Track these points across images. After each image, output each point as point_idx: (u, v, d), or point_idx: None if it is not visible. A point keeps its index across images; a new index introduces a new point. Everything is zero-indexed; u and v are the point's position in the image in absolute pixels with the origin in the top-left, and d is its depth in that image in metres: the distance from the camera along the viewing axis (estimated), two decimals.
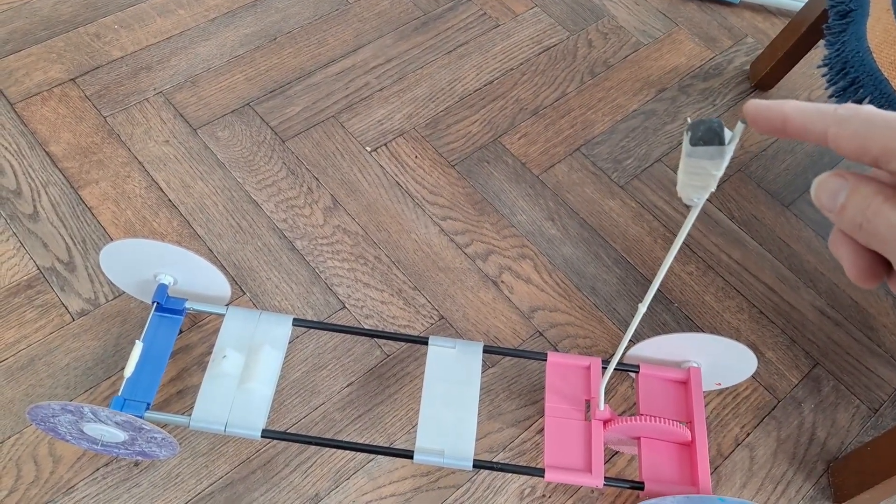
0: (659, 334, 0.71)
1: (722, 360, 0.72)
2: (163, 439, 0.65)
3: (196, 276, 0.73)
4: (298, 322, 0.72)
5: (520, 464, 0.76)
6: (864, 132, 0.25)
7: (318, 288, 0.85)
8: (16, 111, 0.96)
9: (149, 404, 0.66)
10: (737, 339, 0.84)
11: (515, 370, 0.81)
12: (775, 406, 0.82)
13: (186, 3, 1.10)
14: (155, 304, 0.72)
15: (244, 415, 0.66)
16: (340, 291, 0.85)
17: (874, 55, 0.71)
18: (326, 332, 0.82)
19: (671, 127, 1.04)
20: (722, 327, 0.87)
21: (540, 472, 0.65)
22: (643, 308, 0.51)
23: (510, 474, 0.75)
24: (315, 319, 0.83)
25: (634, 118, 1.04)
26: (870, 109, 0.25)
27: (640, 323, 0.86)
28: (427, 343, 0.71)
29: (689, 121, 0.33)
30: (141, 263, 0.72)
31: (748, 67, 1.12)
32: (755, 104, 0.28)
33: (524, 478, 0.75)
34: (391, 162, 0.96)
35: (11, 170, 0.91)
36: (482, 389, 0.80)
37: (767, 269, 0.92)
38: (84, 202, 0.89)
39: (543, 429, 0.75)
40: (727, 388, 0.82)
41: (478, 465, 0.65)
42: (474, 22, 1.13)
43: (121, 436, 0.64)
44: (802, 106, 0.27)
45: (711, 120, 0.32)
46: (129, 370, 0.67)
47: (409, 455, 0.65)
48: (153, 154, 0.94)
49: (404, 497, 0.73)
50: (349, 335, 0.82)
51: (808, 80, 1.12)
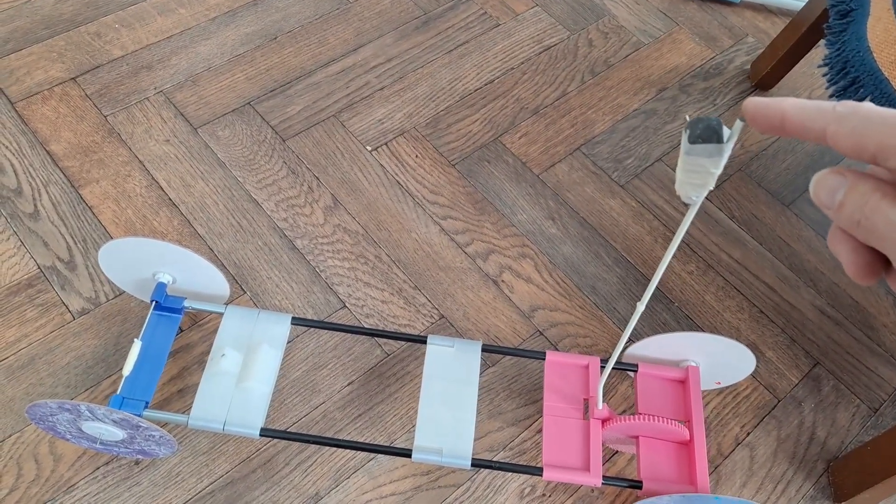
0: (659, 334, 0.71)
1: (721, 359, 0.72)
2: (161, 437, 0.65)
3: (195, 275, 0.73)
4: (297, 321, 0.72)
5: (520, 463, 0.76)
6: (862, 129, 0.25)
7: (319, 287, 0.85)
8: (16, 110, 0.96)
9: (147, 403, 0.66)
10: (736, 339, 0.84)
11: (516, 369, 0.81)
12: (775, 405, 0.82)
13: (187, 2, 1.10)
14: (154, 303, 0.72)
15: (243, 413, 0.66)
16: (341, 291, 0.85)
17: (875, 55, 0.70)
18: (327, 332, 0.82)
19: (672, 126, 1.04)
20: (722, 327, 0.87)
21: (538, 471, 0.65)
22: (641, 307, 0.51)
23: (510, 473, 0.75)
24: (315, 318, 0.83)
25: (635, 117, 1.04)
26: (868, 107, 0.25)
27: (641, 322, 0.86)
28: (426, 342, 0.71)
29: (688, 119, 0.33)
30: (140, 262, 0.72)
31: (749, 67, 1.12)
32: (754, 102, 0.28)
33: (524, 477, 0.75)
34: (391, 161, 0.96)
35: (12, 169, 0.91)
36: (482, 389, 0.80)
37: (768, 269, 0.92)
38: (85, 201, 0.89)
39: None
40: (727, 388, 0.82)
41: (476, 464, 0.65)
42: (475, 21, 1.13)
43: (119, 434, 0.64)
44: (801, 103, 0.27)
45: (710, 118, 0.32)
46: (128, 369, 0.67)
47: (408, 454, 0.65)
48: (154, 153, 0.94)
49: (405, 496, 0.73)
50: (349, 334, 0.82)
51: (809, 80, 1.12)
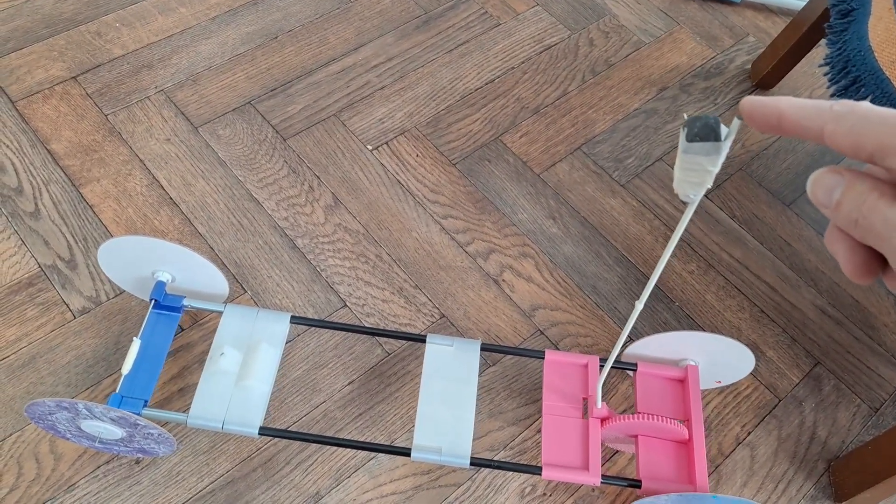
0: (658, 333, 0.71)
1: (720, 359, 0.72)
2: (159, 435, 0.65)
3: (194, 274, 0.73)
4: (296, 320, 0.72)
5: (521, 462, 0.76)
6: (860, 129, 0.25)
7: (319, 286, 0.85)
8: (17, 109, 0.96)
9: (146, 401, 0.66)
10: (736, 338, 0.84)
11: (516, 369, 0.81)
12: (776, 405, 0.82)
13: (188, 2, 1.10)
14: (153, 302, 0.72)
15: (242, 412, 0.66)
16: (341, 290, 0.85)
17: (876, 54, 0.70)
18: (328, 331, 0.82)
19: (672, 126, 1.04)
20: (723, 326, 0.87)
21: (537, 470, 0.65)
22: (640, 305, 0.51)
23: (511, 473, 0.75)
24: (315, 317, 0.83)
25: (635, 117, 1.04)
26: (865, 106, 0.25)
27: (642, 322, 0.86)
28: (425, 341, 0.71)
29: (686, 117, 0.33)
30: (139, 260, 0.72)
31: (749, 66, 1.11)
32: (751, 101, 0.28)
33: (525, 476, 0.75)
34: (392, 160, 0.96)
35: (13, 167, 0.91)
36: (483, 388, 0.80)
37: (768, 268, 0.91)
38: (85, 200, 0.89)
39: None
40: (728, 387, 0.82)
41: (475, 464, 0.65)
42: (475, 21, 1.13)
43: (118, 433, 0.64)
44: (798, 102, 0.27)
45: (708, 116, 0.32)
46: (127, 367, 0.67)
47: (407, 453, 0.65)
48: (154, 152, 0.94)
49: (405, 495, 0.73)
50: (350, 334, 0.82)
51: (810, 79, 1.12)
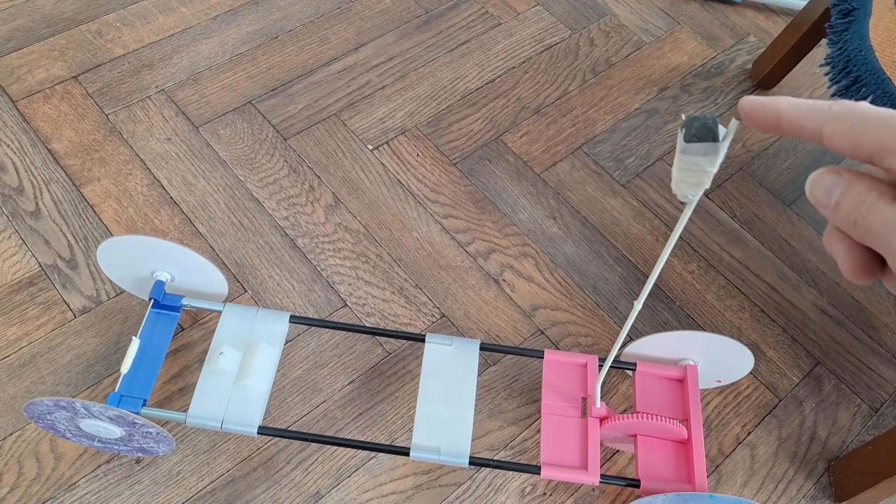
0: (658, 332, 0.71)
1: (719, 358, 0.72)
2: (158, 434, 0.65)
3: (194, 273, 0.73)
4: (295, 319, 0.72)
5: (520, 462, 0.76)
6: (859, 129, 0.25)
7: (320, 286, 0.85)
8: (18, 109, 0.96)
9: (145, 400, 0.66)
10: (737, 338, 0.84)
11: (516, 368, 0.81)
12: (776, 405, 0.82)
13: (188, 1, 1.10)
14: (152, 301, 0.72)
15: (241, 411, 0.66)
16: (342, 289, 0.85)
17: (877, 54, 0.70)
18: (328, 330, 0.82)
19: (673, 126, 1.04)
20: (723, 326, 0.87)
21: (536, 470, 0.65)
22: (638, 305, 0.51)
23: (511, 472, 0.75)
24: (316, 317, 0.83)
25: (636, 117, 1.04)
26: (864, 106, 0.25)
27: (642, 321, 0.86)
28: (424, 341, 0.71)
29: (684, 117, 0.33)
30: (138, 260, 0.72)
31: (750, 66, 1.11)
32: (749, 100, 0.28)
33: (525, 476, 0.75)
34: (393, 160, 0.96)
35: (13, 167, 0.91)
36: (483, 388, 0.80)
37: (769, 268, 0.91)
38: (86, 199, 0.89)
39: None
40: (728, 387, 0.82)
41: (474, 463, 0.65)
42: (476, 20, 1.13)
43: (117, 432, 0.64)
44: (796, 102, 0.27)
45: (706, 116, 0.32)
46: (126, 367, 0.67)
47: (406, 452, 0.65)
48: (155, 152, 0.94)
49: (405, 495, 0.73)
50: (350, 333, 0.82)
51: (811, 79, 1.12)
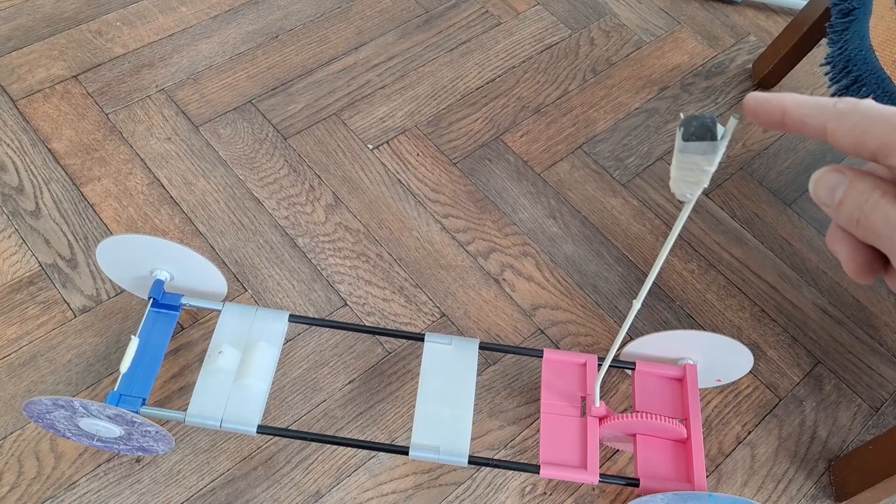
0: (657, 332, 0.71)
1: (718, 357, 0.72)
2: (157, 433, 0.65)
3: (193, 273, 0.73)
4: (294, 318, 0.72)
5: (520, 461, 0.76)
6: (863, 127, 0.25)
7: (320, 285, 0.85)
8: (18, 108, 0.96)
9: (144, 399, 0.66)
10: (737, 337, 0.84)
11: (516, 368, 0.81)
12: (777, 404, 0.82)
13: (188, 1, 1.10)
14: (151, 300, 0.72)
15: (240, 410, 0.65)
16: (342, 289, 0.85)
17: (877, 53, 0.70)
18: (328, 330, 0.82)
19: (673, 125, 1.04)
20: (724, 326, 0.87)
21: (535, 469, 0.65)
22: (637, 304, 0.51)
23: (511, 472, 0.75)
24: (316, 316, 0.83)
25: (636, 116, 1.04)
26: (868, 104, 0.25)
27: (642, 321, 0.86)
28: (423, 340, 0.71)
29: (683, 116, 0.33)
30: (137, 259, 0.72)
31: (750, 66, 1.11)
32: (755, 97, 0.28)
33: (525, 475, 0.75)
34: (393, 159, 0.96)
35: (14, 166, 0.91)
36: (483, 387, 0.80)
37: (769, 268, 0.91)
38: (86, 199, 0.89)
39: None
40: (728, 387, 0.82)
41: (473, 462, 0.65)
42: (476, 20, 1.13)
43: (116, 430, 0.64)
44: (801, 99, 0.27)
45: (704, 115, 0.32)
46: (125, 366, 0.67)
47: (405, 451, 0.65)
48: (155, 151, 0.94)
49: (405, 494, 0.73)
50: (350, 332, 0.82)
51: (811, 79, 1.12)
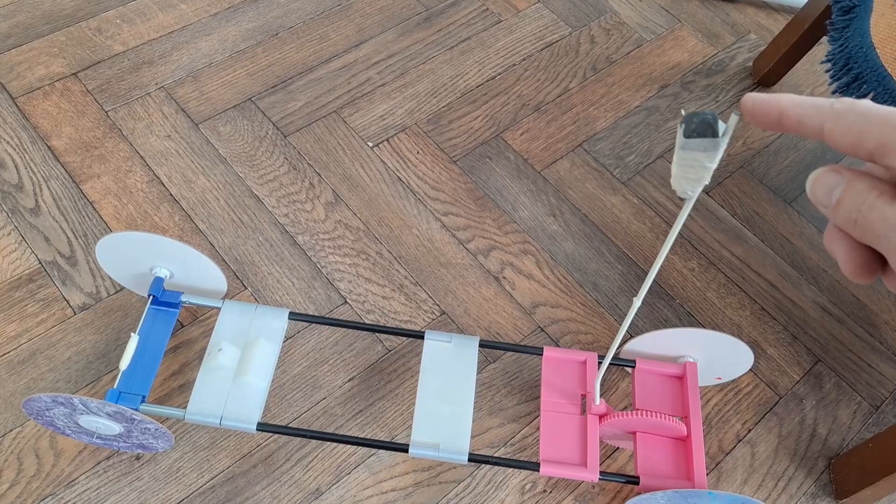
0: (657, 330, 0.71)
1: (718, 355, 0.72)
2: (156, 430, 0.65)
3: (193, 270, 0.73)
4: (294, 316, 0.72)
5: (521, 459, 0.76)
6: (860, 127, 0.25)
7: (320, 283, 0.85)
8: (17, 105, 0.96)
9: (144, 397, 0.66)
10: (737, 335, 0.84)
11: (516, 366, 0.81)
12: (777, 402, 0.82)
13: None
14: (151, 298, 0.72)
15: (239, 408, 0.65)
16: (342, 286, 0.85)
17: (878, 51, 0.70)
18: (328, 327, 0.82)
19: (673, 123, 1.04)
20: (724, 324, 0.86)
21: (535, 467, 0.65)
22: (637, 302, 0.51)
23: (511, 469, 0.75)
24: (316, 314, 0.83)
25: (637, 114, 1.04)
26: (865, 104, 0.25)
27: (643, 319, 0.86)
28: (423, 338, 0.71)
29: (683, 113, 0.33)
30: (137, 257, 0.72)
31: (751, 64, 1.11)
32: (752, 97, 0.28)
33: (525, 473, 0.75)
34: (393, 157, 0.96)
35: (13, 164, 0.91)
36: (483, 385, 0.80)
37: (769, 266, 0.91)
38: (86, 196, 0.89)
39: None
40: (728, 385, 0.82)
41: (473, 460, 0.65)
42: (476, 18, 1.13)
43: (116, 428, 0.64)
44: (798, 100, 0.27)
45: (705, 112, 0.32)
46: (125, 363, 0.67)
47: (405, 449, 0.65)
48: (155, 149, 0.94)
49: (405, 491, 0.73)
50: (350, 330, 0.82)
51: (812, 77, 1.12)
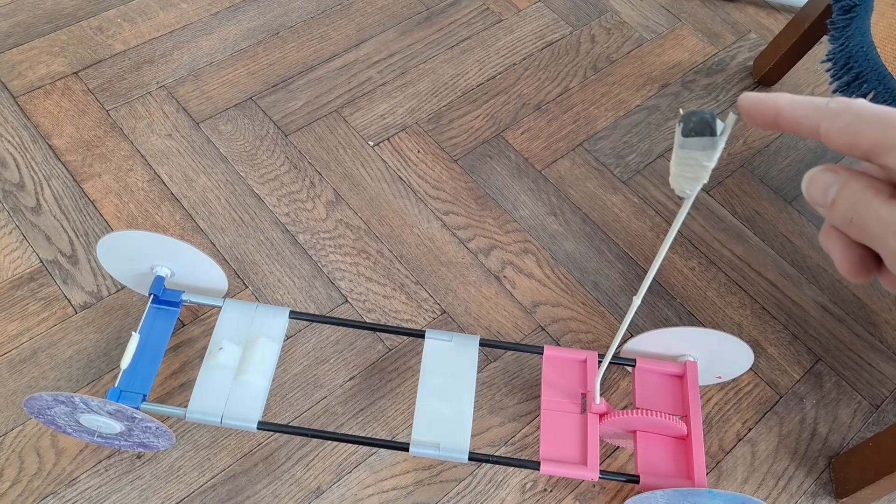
0: (657, 328, 0.71)
1: (719, 354, 0.72)
2: (157, 428, 0.66)
3: (193, 269, 0.73)
4: (295, 315, 0.72)
5: (522, 458, 0.76)
6: (855, 126, 0.25)
7: (321, 282, 0.85)
8: (19, 104, 0.96)
9: (145, 396, 0.66)
10: (737, 335, 0.84)
11: (517, 365, 0.81)
12: (777, 401, 0.82)
13: None
14: (151, 296, 0.72)
15: (240, 407, 0.66)
16: (343, 286, 0.85)
17: (878, 50, 0.70)
18: (329, 326, 0.82)
19: (674, 123, 1.04)
20: (724, 323, 0.87)
21: (535, 465, 0.65)
22: (637, 301, 0.51)
23: (512, 468, 0.75)
24: (317, 313, 0.83)
25: (637, 114, 1.04)
26: (861, 104, 0.25)
27: (643, 318, 0.86)
28: (423, 336, 0.71)
29: (682, 112, 0.33)
30: (138, 255, 0.72)
31: (751, 63, 1.11)
32: (748, 97, 0.28)
33: (526, 472, 0.75)
34: (393, 156, 0.96)
35: (14, 163, 0.91)
36: (484, 384, 0.80)
37: (770, 265, 0.91)
38: (87, 195, 0.89)
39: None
40: (729, 384, 0.82)
41: (473, 458, 0.65)
42: (477, 17, 1.13)
43: (116, 426, 0.65)
44: (795, 99, 0.27)
45: (703, 111, 0.32)
46: (126, 362, 0.67)
47: (406, 447, 0.65)
48: (156, 148, 0.94)
49: (406, 490, 0.73)
50: (351, 329, 0.82)
51: (812, 76, 1.12)
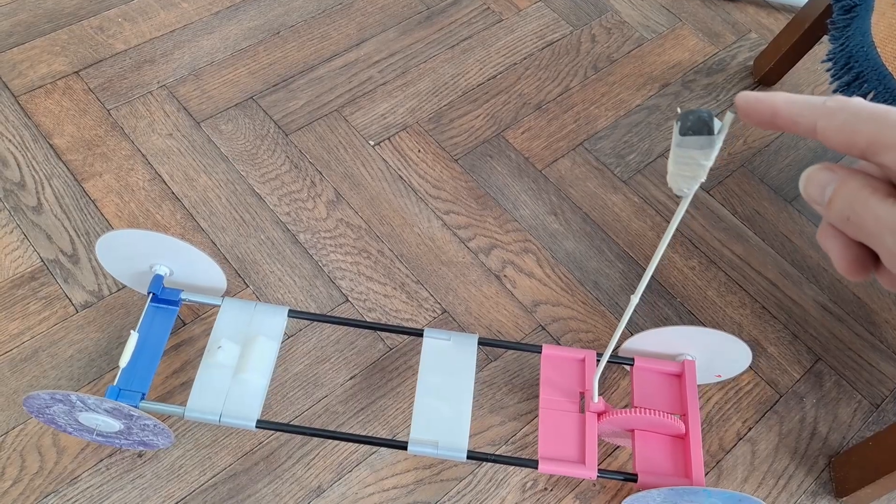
0: (656, 327, 0.71)
1: (717, 353, 0.72)
2: (155, 426, 0.66)
3: (192, 268, 0.74)
4: (294, 313, 0.72)
5: (521, 456, 0.76)
6: (852, 125, 0.25)
7: (321, 281, 0.85)
8: (20, 104, 0.96)
9: (144, 394, 0.67)
10: (737, 334, 0.84)
11: (517, 364, 0.82)
12: (777, 401, 0.82)
13: None
14: (150, 295, 0.72)
15: (239, 405, 0.66)
16: (343, 285, 0.85)
17: (879, 50, 0.70)
18: (329, 326, 0.82)
19: (674, 122, 1.04)
20: (724, 322, 0.87)
21: (534, 464, 0.65)
22: (635, 299, 0.51)
23: (513, 467, 0.75)
24: (316, 312, 0.83)
25: (637, 113, 1.04)
26: (858, 102, 0.25)
27: (643, 317, 0.86)
28: (422, 335, 0.71)
29: (680, 111, 0.33)
30: (137, 254, 0.72)
31: (752, 63, 1.11)
32: (745, 96, 0.28)
33: (526, 471, 0.75)
34: (394, 156, 0.96)
35: (15, 162, 0.91)
36: (484, 383, 0.80)
37: (770, 265, 0.91)
38: (87, 195, 0.89)
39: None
40: (729, 383, 0.82)
41: (472, 457, 0.65)
42: (478, 16, 1.13)
43: (115, 425, 0.65)
44: (792, 98, 0.27)
45: (701, 110, 0.32)
46: (125, 360, 0.67)
47: (405, 446, 0.65)
48: (157, 147, 0.94)
49: (407, 489, 0.73)
50: (352, 328, 0.82)
51: (812, 76, 1.12)
